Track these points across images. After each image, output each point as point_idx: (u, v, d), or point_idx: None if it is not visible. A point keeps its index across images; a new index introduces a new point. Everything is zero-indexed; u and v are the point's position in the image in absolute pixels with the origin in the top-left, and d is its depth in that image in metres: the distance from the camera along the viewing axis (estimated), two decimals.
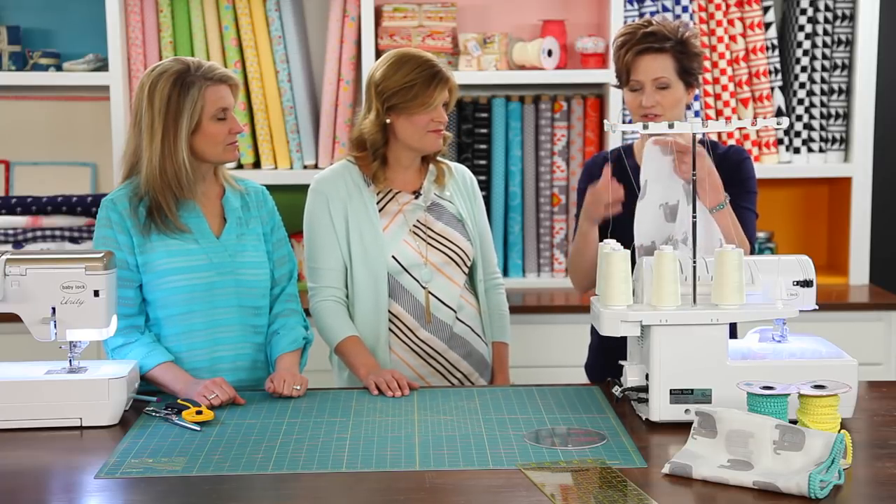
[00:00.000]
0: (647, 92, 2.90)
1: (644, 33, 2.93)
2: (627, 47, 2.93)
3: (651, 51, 2.91)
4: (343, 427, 2.47)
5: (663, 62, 2.91)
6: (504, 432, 2.42)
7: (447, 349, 2.98)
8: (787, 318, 2.53)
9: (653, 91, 2.90)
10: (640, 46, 2.90)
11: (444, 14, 4.14)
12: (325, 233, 2.98)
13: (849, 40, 4.14)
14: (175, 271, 2.73)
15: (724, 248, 2.44)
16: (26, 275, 2.54)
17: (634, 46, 2.92)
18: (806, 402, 2.22)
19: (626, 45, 2.94)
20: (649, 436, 2.40)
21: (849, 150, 4.20)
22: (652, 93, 2.90)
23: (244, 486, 2.13)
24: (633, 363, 2.55)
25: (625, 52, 2.94)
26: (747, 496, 2.06)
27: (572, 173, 4.21)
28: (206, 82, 2.71)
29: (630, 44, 2.92)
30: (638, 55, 2.91)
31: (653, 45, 2.90)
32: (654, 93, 2.90)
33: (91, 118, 4.31)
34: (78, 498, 2.13)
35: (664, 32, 2.92)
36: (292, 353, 2.82)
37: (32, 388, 2.49)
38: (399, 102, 2.91)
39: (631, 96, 2.94)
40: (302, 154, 4.18)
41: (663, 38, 2.91)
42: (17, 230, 4.03)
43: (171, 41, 4.12)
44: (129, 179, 2.77)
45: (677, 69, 2.91)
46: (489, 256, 3.13)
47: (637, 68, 2.91)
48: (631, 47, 2.92)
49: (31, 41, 4.27)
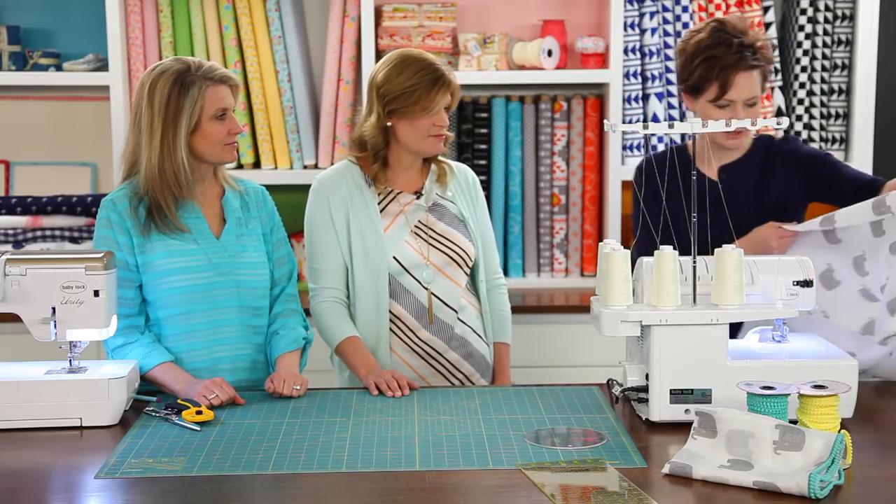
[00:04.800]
0: (739, 113, 2.82)
1: (740, 45, 2.81)
2: (724, 63, 2.82)
3: (746, 68, 2.81)
4: (343, 427, 2.47)
5: (755, 79, 2.85)
6: (504, 432, 2.42)
7: (448, 350, 2.98)
8: (786, 318, 2.53)
9: (743, 110, 2.83)
10: (739, 64, 2.80)
11: (444, 14, 4.14)
12: (325, 233, 2.98)
13: (849, 40, 4.14)
14: (175, 272, 2.73)
15: (724, 248, 2.44)
16: (26, 275, 2.54)
17: (732, 63, 2.81)
18: (806, 402, 2.22)
19: (718, 57, 2.82)
20: (649, 436, 2.40)
21: (849, 150, 4.19)
22: (742, 112, 2.83)
23: (244, 486, 2.13)
24: (633, 363, 2.55)
25: (719, 67, 2.83)
26: (747, 496, 2.06)
27: (572, 173, 4.21)
28: (206, 82, 2.71)
29: (726, 57, 2.81)
30: (736, 73, 2.81)
31: (749, 63, 2.81)
32: (743, 112, 2.83)
33: (91, 118, 4.31)
34: (78, 498, 2.13)
35: (753, 43, 2.81)
36: (292, 354, 2.82)
37: (32, 388, 2.49)
38: (400, 106, 2.91)
39: (712, 110, 2.85)
40: (302, 154, 4.18)
41: (754, 51, 2.81)
42: (17, 230, 4.03)
43: (171, 41, 4.12)
44: (128, 180, 2.77)
45: (761, 83, 2.85)
46: (491, 257, 3.12)
47: (733, 86, 2.82)
48: (728, 64, 2.81)
49: (31, 41, 4.27)
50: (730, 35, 2.86)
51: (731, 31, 2.88)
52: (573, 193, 4.22)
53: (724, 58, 2.84)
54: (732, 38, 2.85)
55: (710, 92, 2.88)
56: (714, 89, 2.87)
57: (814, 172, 3.01)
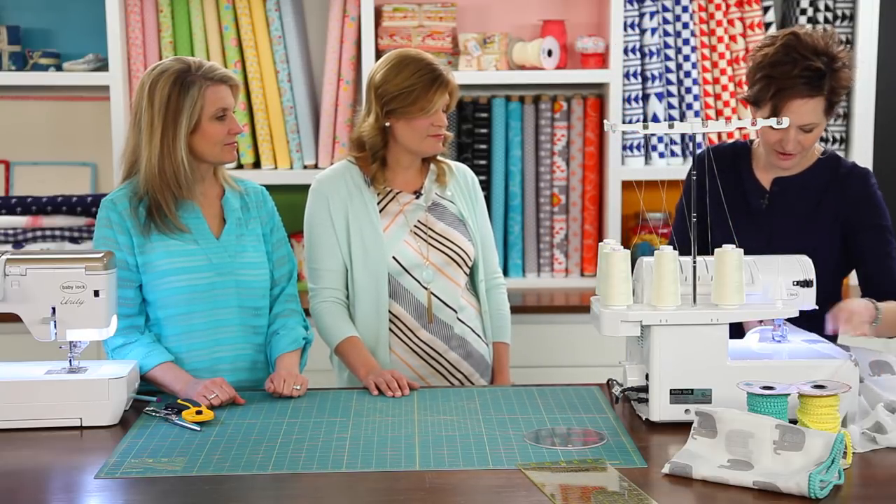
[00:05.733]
0: (791, 136, 2.70)
1: (806, 68, 2.65)
2: (781, 84, 2.67)
3: (805, 95, 2.67)
4: (343, 427, 2.47)
5: (815, 106, 2.69)
6: (504, 432, 2.42)
7: (447, 350, 2.98)
8: (786, 317, 2.53)
9: (797, 133, 2.70)
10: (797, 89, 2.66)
11: (444, 14, 4.14)
12: (325, 234, 2.98)
13: (849, 40, 4.14)
14: (175, 272, 2.73)
15: (723, 248, 2.44)
16: (26, 275, 2.54)
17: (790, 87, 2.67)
18: (806, 402, 2.22)
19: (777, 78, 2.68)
20: (649, 436, 2.40)
21: (849, 149, 4.19)
22: (796, 135, 2.71)
23: (244, 486, 2.13)
24: (633, 363, 2.55)
25: (776, 88, 2.69)
26: (747, 496, 2.06)
27: (572, 173, 4.21)
28: (206, 82, 2.71)
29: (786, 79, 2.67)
30: (791, 98, 2.67)
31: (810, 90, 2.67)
32: (797, 134, 2.71)
33: (91, 118, 4.31)
34: (78, 498, 2.13)
35: (822, 67, 2.65)
36: (292, 353, 2.82)
37: (32, 388, 2.49)
38: (398, 107, 2.90)
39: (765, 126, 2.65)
40: (302, 154, 4.18)
41: (821, 76, 2.65)
42: (17, 230, 4.03)
43: (171, 41, 4.12)
44: (128, 180, 2.77)
45: (826, 109, 2.70)
46: (490, 256, 3.12)
47: (786, 110, 2.68)
48: (785, 87, 2.67)
49: (31, 41, 4.27)
50: (799, 55, 2.69)
51: (801, 50, 2.70)
52: (573, 193, 4.22)
53: (783, 80, 2.69)
54: (801, 58, 2.68)
55: (765, 110, 2.73)
56: (767, 109, 2.73)
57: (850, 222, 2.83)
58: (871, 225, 2.83)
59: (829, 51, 2.72)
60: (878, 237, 2.82)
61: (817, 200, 2.86)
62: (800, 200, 2.87)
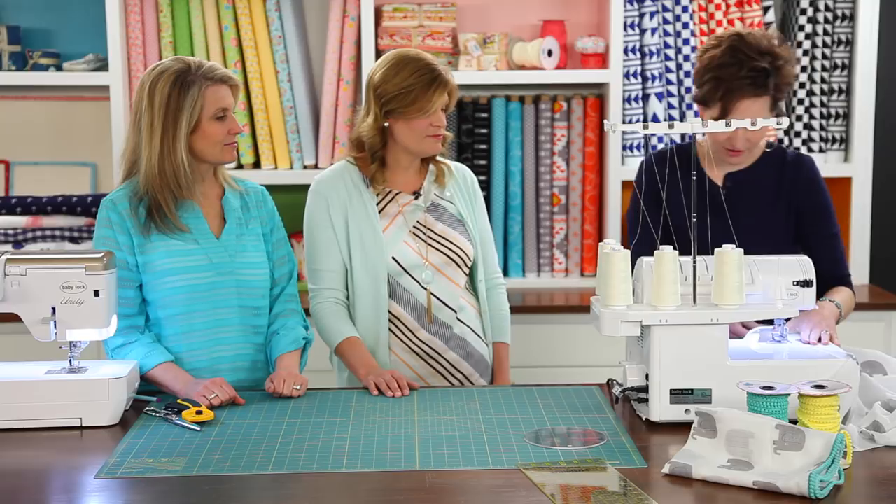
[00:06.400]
0: (739, 134, 2.79)
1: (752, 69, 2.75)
2: (730, 86, 2.77)
3: (752, 95, 2.77)
4: (343, 427, 2.47)
5: (762, 105, 2.80)
6: (504, 432, 2.42)
7: (447, 350, 2.98)
8: (786, 317, 2.53)
9: (745, 131, 2.78)
10: (745, 90, 2.75)
11: (444, 14, 4.14)
12: (324, 234, 2.98)
13: (849, 40, 4.14)
14: (175, 271, 2.73)
15: (723, 248, 2.44)
16: (26, 275, 2.54)
17: (738, 88, 2.76)
18: (806, 402, 2.22)
19: (725, 79, 2.77)
20: (649, 436, 2.40)
21: (849, 149, 4.20)
22: (744, 133, 2.79)
23: (244, 486, 2.13)
24: (633, 363, 2.55)
25: (724, 89, 2.78)
26: (747, 496, 2.06)
27: (572, 173, 4.21)
28: (206, 82, 2.71)
29: (733, 80, 2.76)
30: (740, 98, 2.76)
31: (757, 89, 2.77)
32: (746, 132, 2.79)
33: (91, 118, 4.31)
34: (78, 498, 2.13)
35: (766, 67, 2.75)
36: (292, 353, 2.82)
37: (32, 388, 2.49)
38: (397, 107, 2.90)
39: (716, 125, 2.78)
40: (302, 154, 4.18)
41: (766, 76, 2.76)
42: (17, 230, 4.03)
43: (171, 41, 4.12)
44: (129, 180, 2.77)
45: (772, 106, 2.80)
46: (490, 256, 3.12)
47: (735, 111, 2.78)
48: (733, 88, 2.76)
49: (31, 41, 4.27)
50: (744, 55, 2.78)
51: (746, 50, 2.79)
52: (573, 193, 4.22)
53: (731, 81, 2.78)
54: (747, 58, 2.77)
55: (714, 110, 2.83)
56: (717, 109, 2.83)
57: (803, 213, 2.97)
58: (818, 206, 2.96)
59: (773, 50, 2.82)
60: (825, 220, 2.96)
61: (772, 190, 2.97)
62: (755, 192, 2.97)
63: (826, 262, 2.88)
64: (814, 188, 2.96)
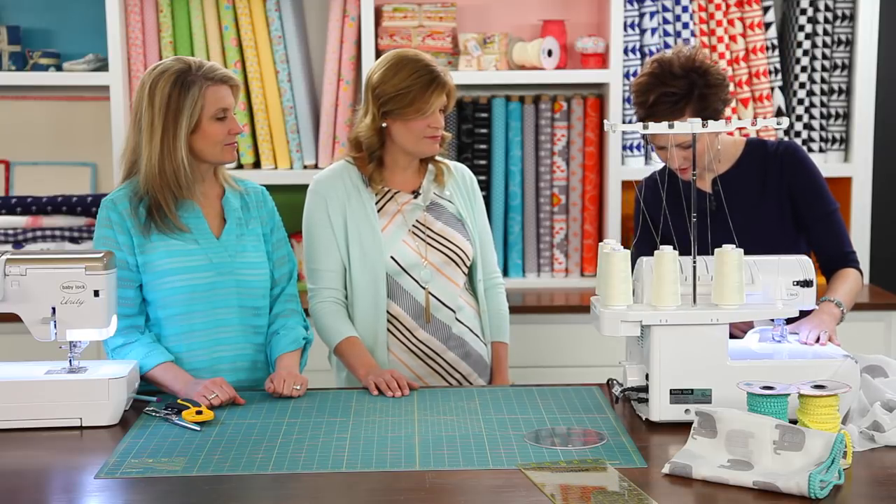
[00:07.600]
0: (672, 155, 2.80)
1: (656, 98, 2.79)
2: (649, 112, 2.80)
3: (667, 115, 2.78)
4: (343, 427, 2.47)
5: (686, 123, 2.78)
6: (504, 432, 2.42)
7: (445, 350, 2.98)
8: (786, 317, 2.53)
9: (678, 151, 2.81)
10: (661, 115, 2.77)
11: (444, 14, 4.14)
12: (323, 234, 2.98)
13: (849, 40, 4.14)
14: (175, 271, 2.73)
15: (723, 248, 2.44)
16: (26, 275, 2.54)
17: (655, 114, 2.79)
18: (806, 402, 2.22)
19: (644, 104, 2.81)
20: (649, 436, 2.40)
21: (849, 149, 4.20)
22: (678, 154, 2.81)
23: (244, 486, 2.13)
24: (633, 363, 2.55)
25: (643, 114, 2.83)
26: (747, 496, 2.06)
27: (572, 173, 4.21)
28: (206, 82, 2.71)
29: (651, 107, 2.80)
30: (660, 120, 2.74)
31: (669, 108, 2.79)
32: (680, 152, 2.81)
33: (91, 118, 4.31)
34: (78, 498, 2.13)
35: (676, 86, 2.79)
36: (292, 353, 2.82)
37: (32, 388, 2.49)
38: (395, 108, 2.90)
39: (658, 151, 2.87)
40: (302, 154, 4.18)
41: (677, 99, 2.79)
42: (17, 230, 4.03)
43: (171, 41, 4.12)
44: (129, 180, 2.77)
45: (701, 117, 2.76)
46: (489, 256, 3.12)
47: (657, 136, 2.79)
48: (651, 114, 2.79)
49: (31, 41, 4.27)
50: (659, 83, 2.82)
51: (663, 77, 2.82)
52: (573, 193, 4.22)
53: (648, 107, 2.82)
54: (660, 84, 2.81)
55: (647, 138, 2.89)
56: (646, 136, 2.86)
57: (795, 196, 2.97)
58: (808, 187, 2.95)
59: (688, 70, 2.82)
60: (819, 198, 2.95)
61: (760, 182, 2.97)
62: (744, 188, 2.97)
63: (827, 240, 2.92)
64: (800, 170, 2.96)
